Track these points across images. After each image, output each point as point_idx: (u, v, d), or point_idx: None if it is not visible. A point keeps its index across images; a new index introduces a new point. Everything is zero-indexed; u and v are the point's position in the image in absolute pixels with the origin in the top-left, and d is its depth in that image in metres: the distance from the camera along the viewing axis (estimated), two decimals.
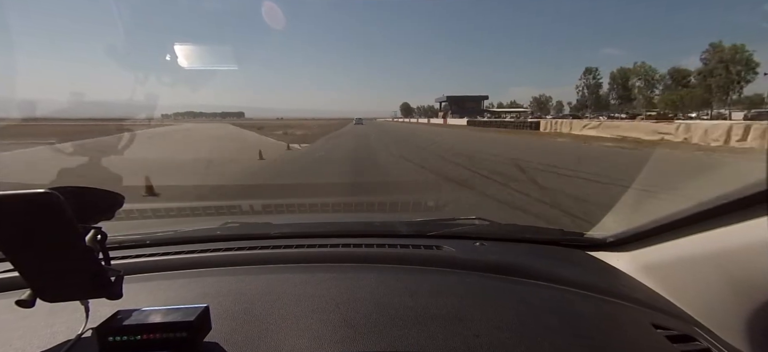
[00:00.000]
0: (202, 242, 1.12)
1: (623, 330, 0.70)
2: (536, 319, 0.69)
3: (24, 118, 31.90)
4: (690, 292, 0.78)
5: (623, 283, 0.90)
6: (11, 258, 0.52)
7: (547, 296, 0.80)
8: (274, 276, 0.85)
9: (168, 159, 10.81)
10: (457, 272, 0.90)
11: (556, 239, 1.17)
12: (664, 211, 0.85)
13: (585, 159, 9.86)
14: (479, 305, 0.72)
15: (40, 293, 0.55)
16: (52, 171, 6.77)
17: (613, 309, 0.77)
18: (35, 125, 29.39)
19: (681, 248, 0.80)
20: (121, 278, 0.57)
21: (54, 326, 0.63)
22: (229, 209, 2.91)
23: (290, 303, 0.70)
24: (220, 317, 0.63)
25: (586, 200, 4.90)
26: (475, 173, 7.58)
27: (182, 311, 0.56)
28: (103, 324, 0.55)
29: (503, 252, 1.07)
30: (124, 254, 1.02)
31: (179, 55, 7.93)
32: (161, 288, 0.81)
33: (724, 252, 0.69)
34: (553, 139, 17.72)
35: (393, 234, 1.19)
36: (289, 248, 1.07)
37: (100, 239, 0.57)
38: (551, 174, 7.26)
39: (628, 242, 1.00)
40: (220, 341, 0.58)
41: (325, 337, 0.60)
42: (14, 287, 0.76)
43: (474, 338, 0.61)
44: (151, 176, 5.52)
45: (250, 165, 9.10)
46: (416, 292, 0.76)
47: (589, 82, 64.14)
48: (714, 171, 7.21)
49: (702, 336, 0.69)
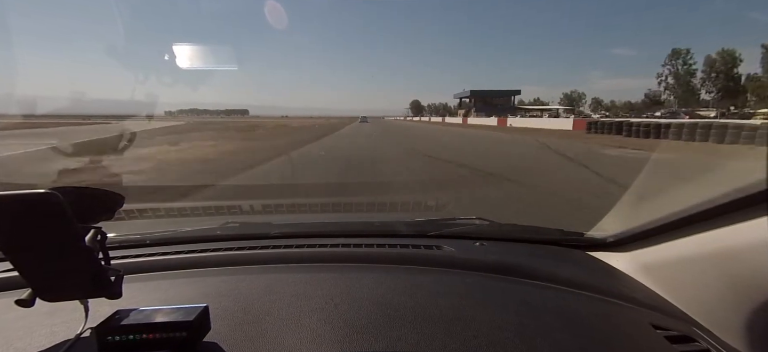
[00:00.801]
0: (202, 242, 1.12)
1: (622, 331, 0.70)
2: (536, 319, 0.69)
3: (24, 114, 31.67)
4: (689, 292, 0.78)
5: (623, 283, 0.90)
6: (11, 258, 0.52)
7: (547, 296, 0.80)
8: (274, 276, 0.85)
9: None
10: (457, 272, 0.90)
11: (555, 239, 1.17)
12: (663, 211, 0.85)
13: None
14: (479, 305, 0.72)
15: (40, 292, 0.55)
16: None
17: (612, 309, 0.77)
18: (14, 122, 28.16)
19: (681, 249, 0.80)
20: (120, 277, 0.57)
21: (53, 326, 0.63)
22: (229, 209, 2.91)
23: (290, 303, 0.70)
24: (219, 317, 0.63)
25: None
26: None
27: (181, 311, 0.56)
28: (103, 324, 0.55)
29: (503, 252, 1.07)
30: (124, 254, 1.02)
31: (182, 54, 7.89)
32: (161, 288, 0.81)
33: (724, 252, 0.69)
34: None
35: (393, 234, 1.19)
36: (289, 248, 1.07)
37: (100, 238, 0.57)
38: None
39: (627, 242, 1.00)
40: (219, 341, 0.58)
41: (324, 337, 0.60)
42: (14, 287, 0.77)
43: (474, 338, 0.61)
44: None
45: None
46: (416, 292, 0.76)
47: (678, 68, 47.02)
48: (714, 171, 7.17)
49: (701, 337, 0.69)
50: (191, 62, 7.37)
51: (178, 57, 9.56)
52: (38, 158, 10.11)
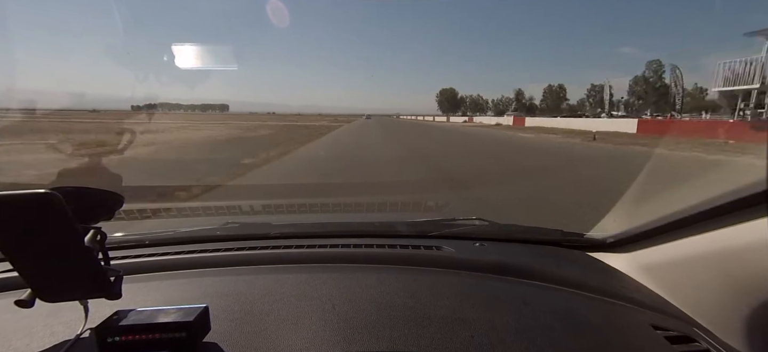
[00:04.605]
0: (202, 242, 1.12)
1: (622, 331, 0.70)
2: (536, 320, 0.69)
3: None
4: (690, 293, 0.78)
5: (623, 284, 0.90)
6: (10, 258, 0.52)
7: (547, 296, 0.80)
8: (274, 276, 0.85)
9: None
10: (456, 272, 0.90)
11: (555, 239, 1.17)
12: (664, 212, 0.85)
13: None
14: (479, 306, 0.72)
15: (40, 293, 0.55)
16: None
17: (612, 310, 0.77)
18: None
19: (681, 249, 0.80)
20: (120, 278, 0.57)
21: (53, 327, 0.63)
22: (229, 209, 2.90)
23: (290, 303, 0.70)
24: (219, 318, 0.63)
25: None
26: None
27: (181, 312, 0.56)
28: (102, 324, 0.55)
29: (503, 253, 1.07)
30: (123, 254, 1.02)
31: (175, 52, 7.56)
32: (161, 288, 0.81)
33: (724, 252, 0.69)
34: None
35: (393, 234, 1.19)
36: (289, 248, 1.07)
37: (99, 239, 0.57)
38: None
39: (627, 243, 1.00)
40: (219, 342, 0.58)
41: (324, 337, 0.60)
42: (13, 287, 0.76)
43: (473, 338, 0.61)
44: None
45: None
46: (416, 292, 0.76)
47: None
48: (714, 171, 7.16)
49: (701, 337, 0.69)
50: (181, 58, 6.88)
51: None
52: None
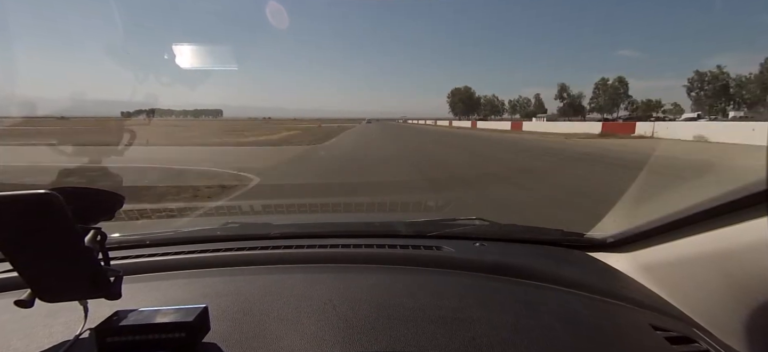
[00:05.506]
0: (202, 242, 1.12)
1: (622, 331, 0.70)
2: (536, 320, 0.68)
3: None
4: (689, 293, 0.78)
5: (623, 284, 0.90)
6: (10, 258, 0.52)
7: (547, 296, 0.80)
8: (274, 277, 0.85)
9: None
10: (456, 272, 0.90)
11: (555, 239, 1.17)
12: (663, 212, 0.85)
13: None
14: (479, 306, 0.72)
15: (39, 293, 0.55)
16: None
17: (612, 310, 0.77)
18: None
19: (681, 249, 0.80)
20: (120, 278, 0.57)
21: (53, 327, 0.63)
22: (229, 209, 2.91)
23: (289, 304, 0.70)
24: (219, 318, 0.63)
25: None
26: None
27: (181, 312, 0.56)
28: (102, 325, 0.55)
29: (503, 253, 1.07)
30: (123, 254, 1.02)
31: (166, 56, 7.51)
32: (160, 288, 0.81)
33: (724, 252, 0.69)
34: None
35: (393, 234, 1.19)
36: (289, 248, 1.07)
37: (99, 239, 0.57)
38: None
39: (627, 243, 1.00)
40: (218, 342, 0.58)
41: (324, 337, 0.60)
42: (13, 287, 0.76)
43: (473, 338, 0.61)
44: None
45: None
46: (416, 293, 0.76)
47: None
48: (714, 171, 7.15)
49: (701, 338, 0.69)
50: (181, 58, 6.80)
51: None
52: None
